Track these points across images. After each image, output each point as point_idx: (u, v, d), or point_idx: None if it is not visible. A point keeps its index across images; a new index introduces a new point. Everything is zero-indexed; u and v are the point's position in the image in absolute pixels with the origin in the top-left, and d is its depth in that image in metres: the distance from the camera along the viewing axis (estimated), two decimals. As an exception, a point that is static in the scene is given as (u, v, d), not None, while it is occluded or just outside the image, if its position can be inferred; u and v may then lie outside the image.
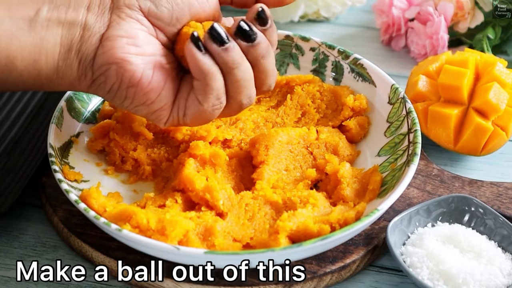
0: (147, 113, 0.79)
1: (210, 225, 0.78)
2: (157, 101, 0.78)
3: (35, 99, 0.99)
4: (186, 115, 0.79)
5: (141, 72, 0.76)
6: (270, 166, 0.86)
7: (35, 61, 0.75)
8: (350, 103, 0.93)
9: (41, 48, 0.75)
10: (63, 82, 0.77)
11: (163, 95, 0.78)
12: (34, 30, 0.74)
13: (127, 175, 0.89)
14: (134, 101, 0.78)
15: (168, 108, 0.79)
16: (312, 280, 0.80)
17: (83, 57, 0.76)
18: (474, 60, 0.96)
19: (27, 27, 0.74)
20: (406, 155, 0.86)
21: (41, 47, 0.75)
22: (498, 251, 0.81)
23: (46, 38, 0.75)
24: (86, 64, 0.76)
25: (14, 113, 0.97)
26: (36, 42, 0.74)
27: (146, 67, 0.76)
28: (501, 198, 0.89)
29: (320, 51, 0.99)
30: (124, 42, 0.75)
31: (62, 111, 0.89)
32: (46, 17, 0.75)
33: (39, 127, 0.95)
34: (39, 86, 0.77)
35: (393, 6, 1.14)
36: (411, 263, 0.79)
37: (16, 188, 0.87)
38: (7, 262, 0.83)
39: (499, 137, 0.94)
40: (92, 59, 0.76)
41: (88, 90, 0.78)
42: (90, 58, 0.76)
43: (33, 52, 0.74)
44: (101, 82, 0.77)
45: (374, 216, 0.78)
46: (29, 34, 0.74)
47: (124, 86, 0.76)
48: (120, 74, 0.76)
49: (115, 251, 0.81)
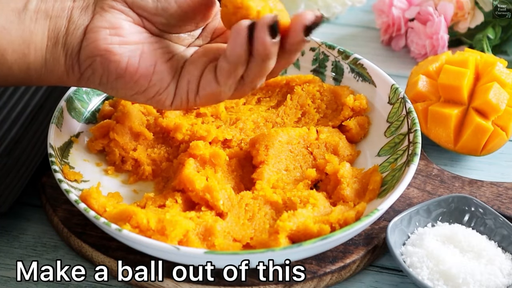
0: (146, 100, 0.79)
1: (210, 225, 0.78)
2: (150, 87, 0.77)
3: (35, 99, 0.99)
4: (200, 96, 0.78)
5: (126, 61, 0.75)
6: (270, 166, 0.86)
7: (24, 55, 0.75)
8: (350, 103, 0.93)
9: (30, 41, 0.74)
10: (52, 76, 0.77)
11: (155, 79, 0.77)
12: (23, 23, 0.74)
13: (127, 175, 0.89)
14: (127, 91, 0.77)
15: (166, 91, 0.78)
16: (312, 280, 0.80)
17: (69, 51, 0.76)
18: (474, 60, 0.96)
19: (17, 19, 0.74)
20: (406, 155, 0.86)
21: (30, 40, 0.74)
22: (498, 251, 0.81)
23: (34, 31, 0.74)
24: (72, 58, 0.76)
25: (14, 113, 0.97)
26: (26, 35, 0.74)
27: (131, 55, 0.76)
28: (501, 198, 0.89)
29: (320, 51, 0.99)
30: (107, 33, 0.75)
31: (62, 111, 0.89)
32: (34, 9, 0.75)
33: (39, 127, 0.95)
34: (28, 80, 0.77)
35: (393, 6, 1.14)
36: (411, 263, 0.79)
37: (16, 188, 0.87)
38: (7, 262, 0.83)
39: (499, 137, 0.94)
40: (77, 52, 0.76)
41: (78, 84, 0.78)
42: (75, 51, 0.76)
43: (22, 45, 0.74)
44: (89, 76, 0.77)
45: (374, 216, 0.78)
46: (18, 27, 0.74)
47: (112, 77, 0.76)
48: (105, 65, 0.75)
49: (115, 251, 0.81)
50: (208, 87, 0.77)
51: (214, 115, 0.93)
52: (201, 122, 0.91)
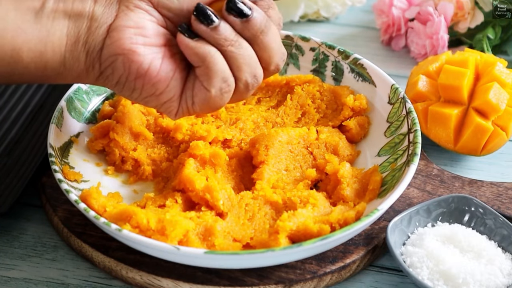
0: (157, 105, 0.78)
1: (210, 225, 0.78)
2: (166, 91, 0.77)
3: (35, 99, 0.99)
4: (195, 103, 0.78)
5: (149, 62, 0.75)
6: (270, 166, 0.86)
7: (41, 53, 0.74)
8: (350, 103, 0.93)
9: (47, 40, 0.74)
10: (70, 74, 0.76)
11: (171, 85, 0.77)
12: (40, 22, 0.74)
13: (127, 175, 0.89)
14: (142, 92, 0.77)
15: (177, 99, 0.78)
16: (312, 280, 0.80)
17: (91, 49, 0.75)
18: (474, 60, 0.96)
19: (33, 19, 0.74)
20: (406, 155, 0.86)
21: (47, 39, 0.74)
22: (498, 251, 0.81)
23: (52, 30, 0.74)
24: (93, 56, 0.75)
25: (14, 113, 0.97)
26: (42, 34, 0.74)
27: (154, 58, 0.75)
28: (501, 198, 0.89)
29: (320, 51, 0.99)
30: (132, 32, 0.74)
31: (62, 111, 0.89)
32: (52, 8, 0.74)
33: (39, 127, 0.95)
34: (46, 78, 0.76)
35: (393, 6, 1.14)
36: (411, 263, 0.79)
37: (16, 188, 0.87)
38: (7, 262, 0.83)
39: (499, 137, 0.94)
40: (99, 50, 0.75)
41: (96, 82, 0.78)
42: (97, 49, 0.75)
43: (39, 44, 0.74)
44: (108, 74, 0.76)
45: (374, 216, 0.78)
46: (35, 26, 0.74)
47: (132, 77, 0.76)
48: (127, 65, 0.75)
49: (115, 251, 0.81)
50: (200, 93, 0.77)
51: (214, 115, 0.93)
52: (201, 122, 0.91)
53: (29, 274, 0.81)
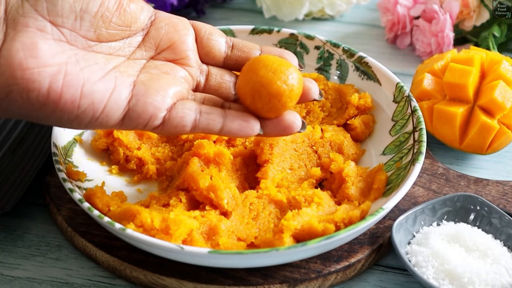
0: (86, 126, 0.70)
1: (215, 224, 0.78)
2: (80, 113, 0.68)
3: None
4: None
5: (47, 87, 0.66)
6: (274, 165, 0.85)
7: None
8: (355, 101, 0.93)
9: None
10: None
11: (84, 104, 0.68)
12: None
13: (131, 174, 0.89)
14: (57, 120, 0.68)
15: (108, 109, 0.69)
16: (317, 279, 0.79)
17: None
18: (480, 58, 0.96)
19: None
20: (411, 154, 0.85)
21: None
22: (504, 250, 0.81)
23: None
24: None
25: (18, 112, 0.96)
26: None
27: (53, 80, 0.67)
28: (507, 197, 0.89)
29: (325, 49, 0.99)
30: (22, 56, 0.66)
31: (66, 110, 0.89)
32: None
33: (43, 126, 0.95)
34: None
35: (398, 4, 1.14)
36: (416, 262, 0.79)
37: (20, 187, 0.87)
38: (11, 261, 0.83)
39: (504, 136, 0.93)
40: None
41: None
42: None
43: None
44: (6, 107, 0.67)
45: (379, 215, 0.78)
46: None
47: (35, 107, 0.67)
48: (24, 95, 0.66)
49: (119, 250, 0.81)
50: None
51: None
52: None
53: (33, 273, 0.81)
